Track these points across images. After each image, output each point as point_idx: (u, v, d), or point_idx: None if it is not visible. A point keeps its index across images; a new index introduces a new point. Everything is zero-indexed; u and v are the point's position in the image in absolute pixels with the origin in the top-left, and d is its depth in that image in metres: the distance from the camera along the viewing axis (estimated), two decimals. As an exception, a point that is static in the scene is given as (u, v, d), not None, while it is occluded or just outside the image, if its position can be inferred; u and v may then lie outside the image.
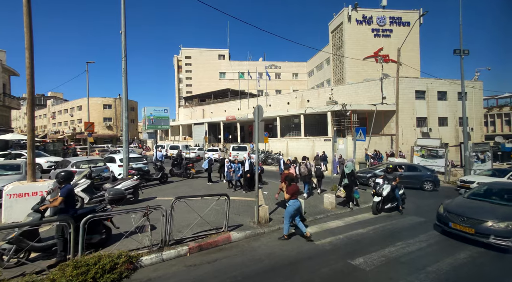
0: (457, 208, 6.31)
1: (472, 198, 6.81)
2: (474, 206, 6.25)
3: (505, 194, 6.58)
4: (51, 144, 24.94)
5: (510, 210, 5.78)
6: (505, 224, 5.33)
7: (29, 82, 6.68)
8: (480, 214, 5.76)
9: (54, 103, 59.99)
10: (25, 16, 6.60)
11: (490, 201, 6.45)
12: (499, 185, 7.35)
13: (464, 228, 5.71)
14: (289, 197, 6.00)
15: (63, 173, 4.95)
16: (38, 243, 4.44)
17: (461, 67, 16.48)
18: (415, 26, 37.38)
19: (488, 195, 6.77)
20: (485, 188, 7.20)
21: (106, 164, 11.74)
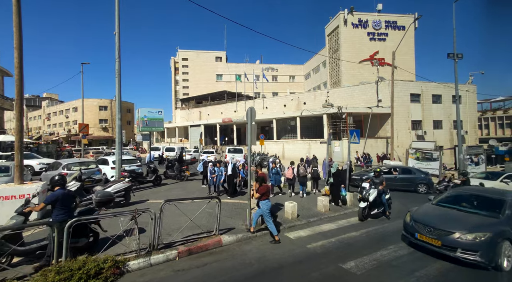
0: (424, 216, 5.70)
1: (441, 205, 6.17)
2: (442, 215, 5.65)
3: (475, 201, 6.03)
4: (45, 146, 24.63)
5: (479, 219, 5.21)
6: (473, 235, 4.75)
7: (18, 82, 6.57)
8: (447, 223, 5.19)
9: (49, 104, 59.37)
10: (14, 15, 6.52)
11: (460, 208, 5.86)
12: (470, 190, 6.72)
13: (431, 239, 5.14)
14: (259, 196, 6.18)
15: (56, 178, 4.79)
16: (21, 247, 4.31)
17: (455, 71, 16.65)
18: (410, 30, 37.86)
19: (458, 202, 6.17)
20: (455, 193, 6.62)
21: (99, 166, 11.58)
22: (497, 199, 5.66)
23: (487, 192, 6.19)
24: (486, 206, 5.65)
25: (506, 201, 5.44)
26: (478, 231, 4.81)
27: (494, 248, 4.62)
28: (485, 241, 4.64)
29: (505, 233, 4.79)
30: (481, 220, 5.16)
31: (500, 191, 6.38)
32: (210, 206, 7.21)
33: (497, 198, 5.68)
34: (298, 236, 6.38)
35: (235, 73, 51.71)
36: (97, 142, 46.80)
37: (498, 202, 5.53)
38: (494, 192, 6.25)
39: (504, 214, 5.17)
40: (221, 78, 56.76)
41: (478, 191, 6.49)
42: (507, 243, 4.74)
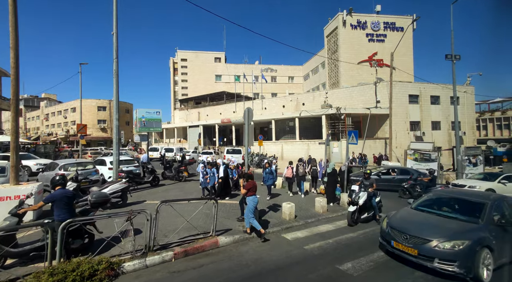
0: (400, 222, 5.29)
1: (420, 209, 5.75)
2: (420, 220, 5.23)
3: (456, 204, 5.63)
4: (42, 146, 24.53)
5: (458, 225, 4.80)
6: (451, 244, 4.36)
7: (14, 82, 6.53)
8: (424, 230, 4.78)
9: (48, 105, 59.17)
10: (10, 15, 6.48)
11: (439, 213, 5.44)
12: (450, 193, 6.28)
13: (407, 248, 4.71)
14: (246, 192, 6.24)
15: (57, 178, 4.81)
16: (14, 249, 4.27)
17: (453, 72, 16.70)
18: (408, 31, 38.00)
19: (437, 205, 5.78)
20: (435, 196, 6.17)
21: (96, 167, 11.52)
22: (477, 202, 5.30)
23: (468, 195, 5.82)
24: (466, 210, 5.30)
25: (486, 205, 5.06)
26: (456, 238, 4.43)
27: (473, 257, 4.24)
28: (464, 249, 4.27)
29: (484, 240, 4.44)
30: (460, 226, 4.77)
31: (482, 194, 6.05)
32: (207, 207, 7.19)
33: (477, 202, 5.30)
34: (296, 237, 6.36)
35: (234, 74, 51.73)
36: (95, 142, 46.67)
37: (478, 206, 5.17)
38: (475, 194, 5.88)
39: (483, 219, 4.82)
40: (220, 79, 56.78)
41: (459, 193, 6.09)
42: (486, 251, 4.38)
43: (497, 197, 5.48)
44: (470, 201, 5.48)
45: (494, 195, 5.75)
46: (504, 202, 5.33)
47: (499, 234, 4.69)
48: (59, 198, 4.48)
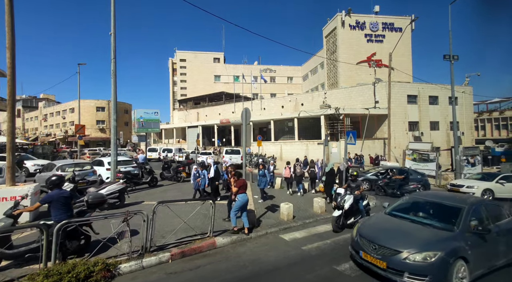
0: (370, 230, 4.80)
1: (394, 215, 5.25)
2: (392, 228, 4.75)
3: (432, 209, 5.15)
4: (40, 147, 24.43)
5: (432, 234, 4.32)
6: (423, 255, 3.90)
7: (10, 82, 6.50)
8: (394, 240, 4.30)
9: (46, 105, 59.01)
10: (7, 15, 6.45)
11: (413, 218, 4.96)
12: (427, 196, 5.72)
13: (375, 260, 4.21)
14: (237, 190, 6.22)
15: (53, 178, 4.80)
16: (9, 250, 4.24)
17: (451, 73, 16.74)
18: (406, 32, 38.10)
19: (413, 210, 5.32)
20: (411, 200, 5.68)
21: (94, 167, 11.47)
22: (453, 207, 4.83)
23: (445, 199, 5.27)
24: (442, 215, 4.83)
25: (462, 210, 4.62)
26: (428, 249, 3.96)
27: (446, 271, 3.82)
28: (436, 262, 3.82)
29: (459, 250, 4.01)
30: (433, 235, 4.29)
31: (460, 197, 5.51)
32: (205, 208, 7.17)
33: (454, 206, 4.83)
34: (293, 238, 6.34)
35: (233, 74, 51.78)
36: (94, 142, 46.55)
37: (454, 211, 4.70)
38: (452, 198, 5.34)
39: (459, 226, 4.35)
40: (219, 79, 56.77)
41: (435, 197, 5.51)
42: (460, 263, 3.96)
43: (475, 201, 5.02)
44: (446, 205, 4.98)
45: (472, 198, 5.23)
46: (482, 206, 4.91)
47: (475, 242, 4.26)
48: (56, 199, 4.47)
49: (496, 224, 4.73)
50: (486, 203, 5.16)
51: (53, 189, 4.65)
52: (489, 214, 4.83)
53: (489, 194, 11.82)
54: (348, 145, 11.95)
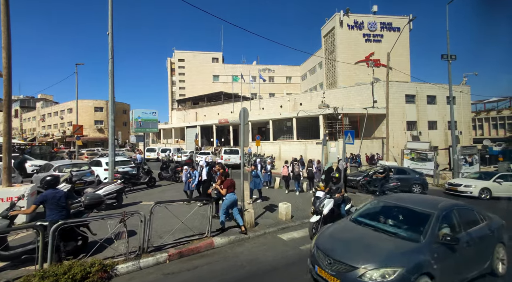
0: (328, 240, 4.17)
1: (358, 221, 4.64)
2: (352, 238, 4.13)
3: (400, 215, 4.56)
4: (38, 147, 24.30)
5: (395, 246, 3.73)
6: (381, 272, 3.37)
7: (6, 83, 6.46)
8: (353, 252, 3.73)
9: (44, 105, 58.71)
10: (2, 15, 6.41)
11: (378, 227, 4.32)
12: (396, 200, 4.99)
13: (329, 277, 3.66)
14: (226, 190, 6.26)
15: (48, 178, 4.76)
16: (5, 252, 4.21)
17: (448, 72, 16.81)
18: (404, 32, 38.18)
19: (381, 216, 4.69)
20: (380, 204, 5.02)
21: (91, 168, 11.42)
22: (422, 213, 4.24)
23: (416, 203, 4.64)
24: (410, 223, 4.29)
25: (431, 216, 4.05)
26: (388, 264, 3.42)
27: None
28: (396, 280, 3.30)
29: (423, 265, 3.48)
30: (396, 247, 3.72)
31: (431, 201, 4.76)
32: (203, 208, 7.15)
33: (423, 212, 4.25)
34: (291, 238, 6.34)
35: (231, 74, 51.75)
36: (92, 143, 46.40)
37: (423, 218, 4.13)
38: (424, 202, 4.67)
39: (426, 236, 3.79)
40: (217, 79, 56.71)
41: (406, 200, 4.88)
42: (424, 280, 3.40)
43: (446, 206, 4.40)
44: (415, 211, 4.38)
45: (444, 202, 4.56)
46: (453, 211, 4.33)
47: (443, 254, 3.71)
48: (50, 198, 4.43)
49: (468, 231, 4.20)
50: (459, 207, 4.53)
51: (48, 189, 4.62)
52: (462, 220, 4.30)
53: (486, 193, 11.89)
54: (347, 144, 11.98)
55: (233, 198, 6.26)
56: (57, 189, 4.75)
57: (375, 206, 5.05)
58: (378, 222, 4.52)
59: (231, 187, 6.36)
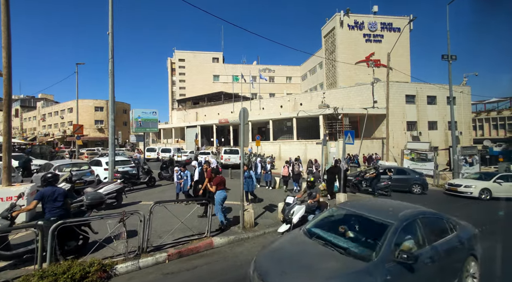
0: (267, 258, 3.53)
1: (311, 233, 3.88)
2: (294, 255, 3.48)
3: (357, 225, 3.92)
4: (38, 147, 24.33)
5: (343, 264, 3.09)
6: None
7: (6, 82, 6.46)
8: (288, 275, 3.05)
9: (44, 105, 58.75)
10: (2, 14, 6.41)
11: (330, 240, 3.58)
12: (356, 207, 4.23)
13: None
14: (216, 188, 6.32)
15: (47, 175, 4.79)
16: (7, 251, 4.24)
17: (449, 72, 16.81)
18: (405, 32, 38.15)
19: (337, 225, 3.95)
20: (339, 212, 4.34)
21: (91, 167, 11.43)
22: (380, 223, 3.56)
23: (376, 211, 3.94)
24: (365, 235, 3.66)
25: (389, 228, 3.38)
26: None
27: None
28: None
29: None
30: (343, 266, 3.05)
31: (395, 208, 4.02)
32: (203, 208, 7.14)
33: (381, 222, 3.56)
34: (291, 238, 6.32)
35: (232, 74, 51.70)
36: (92, 142, 46.43)
37: (380, 229, 3.44)
38: (385, 210, 3.98)
39: (379, 252, 3.11)
40: (218, 79, 56.72)
41: (367, 208, 4.17)
42: None
43: (409, 214, 3.71)
44: (373, 221, 3.70)
45: (407, 211, 3.84)
46: (418, 221, 3.65)
47: (398, 276, 3.02)
48: (48, 195, 4.43)
49: (433, 244, 3.55)
50: (425, 215, 3.86)
51: (47, 186, 4.63)
52: (427, 231, 3.63)
53: (486, 194, 11.88)
54: (347, 144, 11.98)
55: (223, 195, 6.34)
56: (56, 186, 4.77)
57: (334, 213, 4.37)
58: (333, 233, 3.78)
59: (221, 184, 6.43)
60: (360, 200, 5.58)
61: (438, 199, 12.20)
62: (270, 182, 12.94)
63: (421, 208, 4.24)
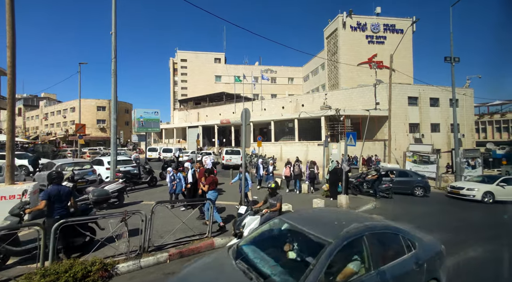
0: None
1: (239, 253, 3.20)
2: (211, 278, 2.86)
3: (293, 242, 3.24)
4: (40, 146, 24.45)
5: None
6: None
7: (10, 81, 6.50)
8: None
9: (47, 104, 59.11)
10: (7, 14, 6.46)
11: (253, 265, 2.89)
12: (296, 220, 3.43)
13: None
14: (208, 187, 6.45)
15: (52, 174, 4.85)
16: (16, 247, 4.32)
17: (452, 75, 16.72)
18: (408, 34, 38.07)
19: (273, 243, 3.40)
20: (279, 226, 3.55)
21: (93, 167, 11.47)
22: (317, 241, 2.86)
23: (317, 225, 3.19)
24: (302, 255, 3.04)
25: (324, 248, 2.72)
26: None
27: None
28: None
29: None
30: None
31: (341, 221, 3.23)
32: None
33: (318, 240, 2.86)
34: (292, 239, 6.30)
35: (234, 75, 51.74)
36: (94, 142, 46.61)
37: (316, 249, 2.78)
38: (328, 224, 3.23)
39: (306, 279, 2.46)
40: (220, 79, 56.81)
41: (307, 221, 3.35)
42: None
43: (353, 231, 2.95)
44: (311, 238, 2.97)
45: (354, 225, 3.08)
46: (364, 239, 2.93)
47: None
48: (54, 194, 4.48)
49: (381, 269, 2.87)
50: (374, 231, 3.12)
51: (52, 185, 4.67)
52: (375, 251, 2.94)
53: (489, 197, 11.79)
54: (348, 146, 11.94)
55: (215, 195, 6.49)
56: (61, 185, 4.81)
57: (274, 227, 3.57)
58: (266, 254, 3.04)
59: (213, 183, 6.55)
60: (309, 210, 4.61)
61: (440, 202, 12.12)
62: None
63: (374, 221, 3.48)
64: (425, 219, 8.67)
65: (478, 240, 6.62)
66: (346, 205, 9.48)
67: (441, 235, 6.90)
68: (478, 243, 6.36)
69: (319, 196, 10.84)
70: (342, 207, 9.35)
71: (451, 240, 6.59)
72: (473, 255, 5.61)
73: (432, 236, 4.04)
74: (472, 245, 6.21)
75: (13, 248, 4.26)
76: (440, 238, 6.56)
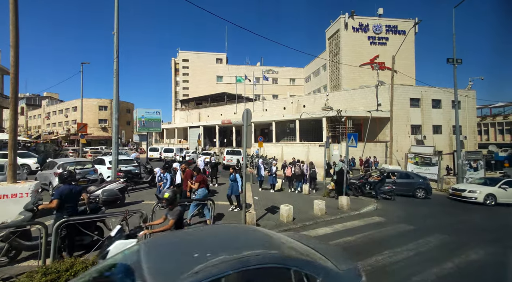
0: None
1: None
2: None
3: None
4: (42, 145, 24.56)
5: None
6: None
7: (13, 81, 6.54)
8: None
9: (49, 103, 59.42)
10: (11, 14, 6.50)
11: None
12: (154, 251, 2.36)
13: None
14: (198, 185, 6.64)
15: (65, 174, 4.94)
16: (28, 242, 4.41)
17: (454, 76, 16.68)
18: (410, 35, 37.95)
19: None
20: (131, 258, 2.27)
21: (95, 166, 11.51)
22: None
23: (167, 258, 2.23)
24: None
25: None
26: None
27: None
28: None
29: None
30: None
31: (203, 252, 2.18)
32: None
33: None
34: (293, 240, 6.29)
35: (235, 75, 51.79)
36: (96, 141, 46.75)
37: None
38: (183, 257, 2.22)
39: None
40: (221, 80, 56.90)
41: (159, 251, 2.38)
42: None
43: (208, 270, 1.94)
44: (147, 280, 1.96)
45: (218, 258, 2.07)
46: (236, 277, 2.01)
47: None
48: (66, 193, 4.55)
49: None
50: (251, 265, 2.08)
51: (64, 184, 4.73)
52: None
53: (491, 199, 11.74)
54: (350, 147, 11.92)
55: (204, 193, 6.62)
56: (72, 184, 4.88)
57: (123, 261, 2.35)
58: None
59: (203, 182, 6.71)
60: (178, 232, 3.53)
61: (442, 204, 12.08)
62: (274, 186, 12.84)
63: (254, 249, 2.32)
64: (426, 221, 8.65)
65: (479, 242, 6.59)
66: (347, 206, 9.46)
67: (443, 237, 6.88)
68: (479, 245, 6.33)
69: (319, 197, 10.82)
70: (342, 208, 9.34)
71: (453, 242, 6.57)
72: (475, 258, 5.58)
73: (356, 264, 3.05)
74: (474, 247, 6.17)
75: (25, 242, 4.38)
76: (441, 240, 6.61)
